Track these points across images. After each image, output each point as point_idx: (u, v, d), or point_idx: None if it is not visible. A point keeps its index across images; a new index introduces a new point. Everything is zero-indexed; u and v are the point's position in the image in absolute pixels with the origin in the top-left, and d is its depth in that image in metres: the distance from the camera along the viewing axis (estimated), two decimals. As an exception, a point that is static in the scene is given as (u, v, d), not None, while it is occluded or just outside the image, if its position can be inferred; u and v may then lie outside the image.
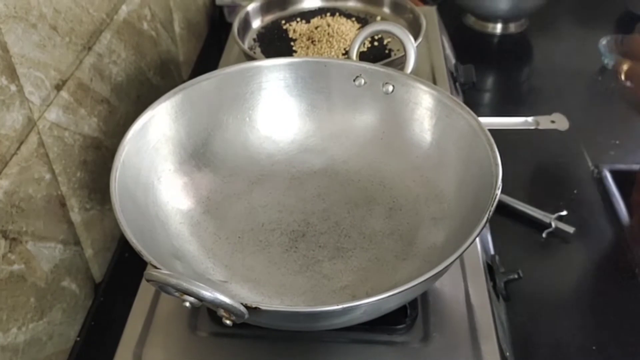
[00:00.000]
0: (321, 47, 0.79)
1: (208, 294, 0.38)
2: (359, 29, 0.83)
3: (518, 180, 0.76)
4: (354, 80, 0.62)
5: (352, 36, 0.80)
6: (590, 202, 0.77)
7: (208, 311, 0.52)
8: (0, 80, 0.47)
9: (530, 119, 0.75)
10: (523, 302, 0.63)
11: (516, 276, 0.57)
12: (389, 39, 0.81)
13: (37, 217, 0.53)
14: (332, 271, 0.53)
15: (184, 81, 0.84)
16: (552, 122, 0.74)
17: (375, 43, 0.81)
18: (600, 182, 0.79)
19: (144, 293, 0.54)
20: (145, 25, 0.76)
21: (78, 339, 0.60)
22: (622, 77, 0.65)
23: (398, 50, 0.79)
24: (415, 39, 0.73)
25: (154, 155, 0.55)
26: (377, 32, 0.66)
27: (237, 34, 0.79)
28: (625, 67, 0.70)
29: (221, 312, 0.40)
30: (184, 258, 0.52)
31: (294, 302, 0.51)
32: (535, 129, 0.74)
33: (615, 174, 0.80)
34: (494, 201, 0.46)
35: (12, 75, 0.48)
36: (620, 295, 0.66)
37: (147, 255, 0.43)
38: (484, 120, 0.54)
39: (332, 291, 0.52)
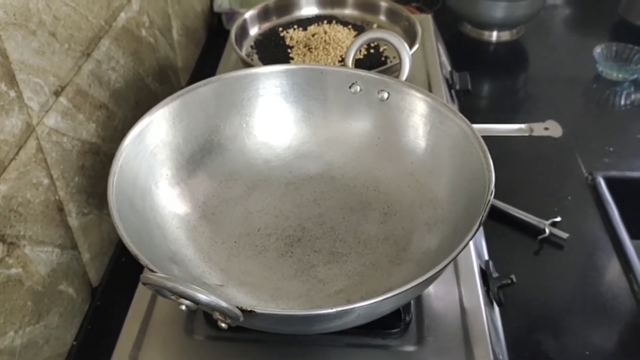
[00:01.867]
0: (318, 54, 0.80)
1: (204, 297, 0.39)
2: (355, 36, 0.84)
3: (512, 187, 0.77)
4: (350, 87, 0.62)
5: (349, 43, 0.81)
6: (584, 209, 0.77)
7: (204, 315, 0.52)
8: (-1, 86, 0.47)
9: (524, 125, 0.76)
10: (517, 307, 0.64)
11: (509, 281, 0.58)
12: (385, 47, 0.82)
13: (34, 222, 0.53)
14: (327, 275, 0.54)
15: (182, 87, 0.84)
16: (546, 129, 0.75)
17: (372, 50, 0.82)
18: (594, 188, 0.80)
19: (141, 297, 0.55)
20: (143, 32, 0.77)
21: (75, 342, 0.60)
22: None
23: (394, 57, 0.80)
24: (411, 46, 0.74)
25: (151, 160, 0.56)
26: (373, 40, 0.67)
27: (235, 40, 0.79)
28: None
29: (217, 315, 0.41)
30: (181, 262, 0.53)
31: (289, 306, 0.51)
32: (529, 136, 0.75)
33: (609, 181, 0.80)
34: (486, 206, 0.47)
35: (12, 81, 0.49)
36: (613, 301, 0.66)
37: (144, 259, 0.43)
38: (478, 127, 0.55)
39: (327, 295, 0.52)
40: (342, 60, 0.78)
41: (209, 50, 1.04)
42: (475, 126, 0.55)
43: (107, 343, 0.52)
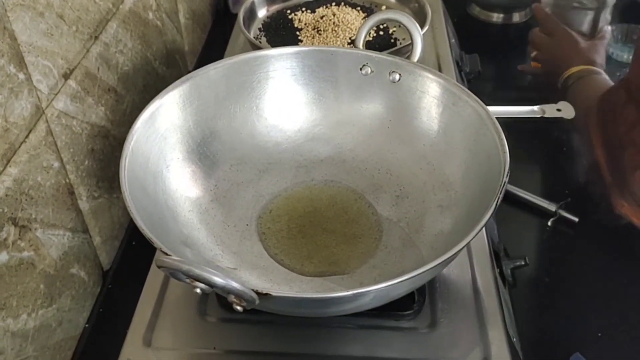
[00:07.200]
0: (327, 36, 0.79)
1: (220, 280, 0.38)
2: (363, 18, 0.83)
3: (523, 169, 0.76)
4: (361, 69, 0.62)
5: (358, 25, 0.80)
6: (595, 191, 0.77)
7: (217, 297, 0.52)
8: (8, 69, 0.47)
9: (536, 107, 0.75)
10: (529, 288, 0.64)
11: (522, 263, 0.57)
12: (394, 28, 0.81)
13: (45, 205, 0.53)
14: (340, 258, 0.54)
15: (189, 71, 0.84)
16: (558, 110, 0.75)
17: (381, 32, 0.81)
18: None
19: (153, 280, 0.55)
20: (150, 15, 0.76)
21: (87, 325, 0.60)
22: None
23: (403, 39, 0.79)
24: (421, 27, 0.73)
25: (162, 143, 0.56)
26: (385, 21, 0.66)
27: (243, 23, 0.79)
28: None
29: (232, 298, 0.41)
30: (193, 245, 0.53)
31: (302, 289, 0.51)
32: (541, 118, 0.74)
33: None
34: (502, 189, 0.46)
35: (20, 63, 0.49)
36: (624, 282, 0.66)
37: (157, 242, 0.43)
38: (490, 108, 0.55)
39: (340, 278, 0.52)
40: (352, 43, 0.78)
41: (216, 34, 1.04)
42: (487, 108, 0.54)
43: (118, 326, 0.52)
